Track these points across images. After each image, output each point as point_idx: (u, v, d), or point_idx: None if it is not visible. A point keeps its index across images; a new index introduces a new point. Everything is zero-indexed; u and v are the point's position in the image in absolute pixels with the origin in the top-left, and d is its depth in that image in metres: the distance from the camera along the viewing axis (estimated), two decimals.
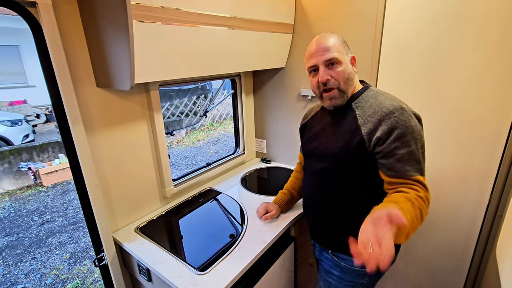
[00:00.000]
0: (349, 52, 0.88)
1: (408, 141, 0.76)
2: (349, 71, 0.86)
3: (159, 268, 1.00)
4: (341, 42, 0.87)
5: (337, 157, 0.89)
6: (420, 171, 0.77)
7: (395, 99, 0.83)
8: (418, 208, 0.71)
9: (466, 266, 1.29)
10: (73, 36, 0.94)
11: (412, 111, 0.81)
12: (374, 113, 0.81)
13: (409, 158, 0.76)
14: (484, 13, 1.01)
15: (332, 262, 1.01)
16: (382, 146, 0.78)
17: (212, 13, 1.10)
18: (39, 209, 3.65)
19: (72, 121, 0.95)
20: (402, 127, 0.76)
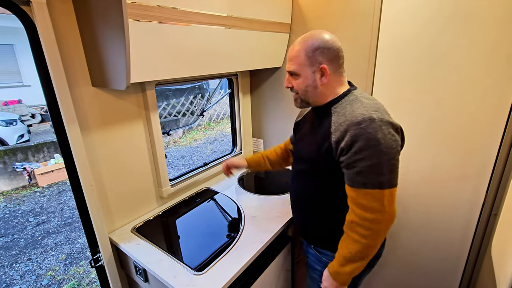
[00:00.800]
0: (316, 64, 0.83)
1: (370, 155, 0.73)
2: (308, 83, 0.85)
3: (156, 269, 1.00)
4: (309, 52, 0.82)
5: (311, 160, 0.91)
6: (380, 185, 0.74)
7: (371, 107, 0.79)
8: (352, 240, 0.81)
9: (462, 265, 1.30)
10: (67, 35, 0.93)
11: (386, 120, 0.76)
12: (344, 121, 0.79)
13: (369, 171, 0.74)
14: (480, 14, 1.02)
15: (315, 257, 1.04)
16: (344, 156, 0.78)
17: (209, 12, 1.09)
18: (35, 210, 3.62)
19: (67, 121, 0.94)
20: (365, 140, 0.73)
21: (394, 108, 1.28)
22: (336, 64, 0.85)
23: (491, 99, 1.07)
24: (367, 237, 0.79)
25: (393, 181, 0.77)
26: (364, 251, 0.80)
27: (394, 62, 1.25)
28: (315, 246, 1.03)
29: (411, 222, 1.39)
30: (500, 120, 1.07)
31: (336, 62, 0.84)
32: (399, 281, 1.52)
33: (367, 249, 0.80)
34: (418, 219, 1.36)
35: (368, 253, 0.82)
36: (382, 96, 1.31)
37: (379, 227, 0.78)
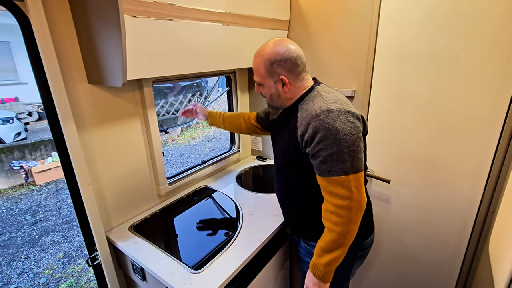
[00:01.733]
0: (275, 75, 0.88)
1: (331, 144, 0.78)
2: (271, 92, 0.92)
3: (153, 267, 0.99)
4: (267, 66, 0.87)
5: (284, 156, 0.96)
6: (344, 171, 0.78)
7: (330, 99, 0.83)
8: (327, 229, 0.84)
9: (459, 261, 1.31)
10: (63, 31, 0.92)
11: (345, 109, 0.81)
12: (307, 115, 0.84)
13: (332, 159, 0.78)
14: (478, 12, 1.01)
15: (305, 249, 1.06)
16: (309, 148, 0.82)
17: (207, 9, 1.08)
18: (32, 208, 3.60)
19: (63, 119, 0.93)
20: (324, 130, 0.78)
21: (392, 105, 1.29)
22: (295, 72, 0.88)
23: (489, 97, 1.07)
24: (338, 224, 0.81)
25: (357, 167, 0.80)
26: (338, 239, 0.82)
27: (392, 60, 1.24)
28: (304, 240, 1.06)
29: (409, 219, 1.39)
30: (498, 118, 1.07)
31: (295, 71, 0.88)
32: (396, 277, 1.53)
33: (340, 237, 0.81)
34: (416, 216, 1.37)
35: (343, 242, 0.82)
36: (380, 94, 1.31)
37: (349, 214, 0.80)
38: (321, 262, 0.85)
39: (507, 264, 0.77)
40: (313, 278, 0.88)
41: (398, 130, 1.30)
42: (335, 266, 0.86)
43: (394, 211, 1.43)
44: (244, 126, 1.34)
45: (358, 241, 0.99)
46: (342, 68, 1.39)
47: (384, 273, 1.57)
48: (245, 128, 1.34)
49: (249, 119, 1.33)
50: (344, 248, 0.84)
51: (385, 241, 1.51)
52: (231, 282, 0.98)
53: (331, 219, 0.82)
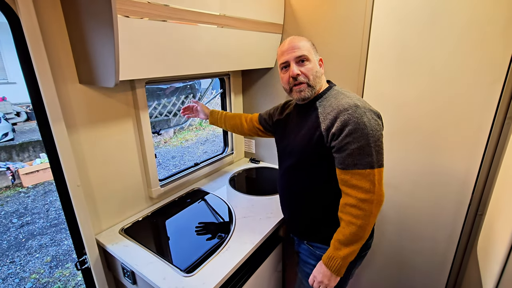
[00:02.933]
0: (317, 54, 0.95)
1: (359, 137, 0.80)
2: (317, 69, 0.93)
3: (144, 271, 0.97)
4: (311, 44, 0.94)
5: (302, 153, 0.96)
6: (370, 165, 0.81)
7: (353, 97, 0.88)
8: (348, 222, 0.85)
9: (449, 263, 1.33)
10: (54, 30, 0.90)
11: (368, 108, 0.85)
12: (332, 110, 0.87)
13: (359, 153, 0.81)
14: (466, 15, 1.04)
15: (308, 251, 1.06)
16: (336, 141, 0.84)
17: (201, 11, 1.08)
18: (19, 211, 3.51)
19: (52, 119, 0.91)
20: (354, 124, 0.81)
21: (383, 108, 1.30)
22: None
23: (476, 100, 1.09)
24: (359, 217, 0.82)
25: (381, 161, 0.83)
26: (358, 232, 0.83)
27: (384, 64, 1.26)
28: (308, 241, 1.05)
29: (399, 221, 1.41)
30: (486, 120, 1.09)
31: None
32: (387, 278, 1.54)
33: (360, 230, 0.83)
34: (406, 218, 1.38)
35: (361, 235, 0.84)
36: (372, 98, 1.32)
37: (370, 207, 0.82)
38: (339, 255, 0.86)
39: (495, 265, 0.79)
40: (326, 270, 0.89)
41: (389, 135, 1.32)
42: (350, 260, 0.87)
43: (385, 214, 1.44)
44: (246, 128, 1.34)
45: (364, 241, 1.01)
46: (335, 71, 1.41)
47: (375, 275, 1.58)
48: (247, 129, 1.34)
49: (251, 121, 1.32)
50: (361, 242, 0.86)
51: (377, 243, 1.52)
52: (223, 285, 0.97)
53: (352, 213, 0.83)
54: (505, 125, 1.05)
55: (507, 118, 1.04)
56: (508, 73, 1.01)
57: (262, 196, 1.48)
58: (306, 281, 1.07)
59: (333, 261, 0.87)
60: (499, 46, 1.01)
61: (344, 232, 0.85)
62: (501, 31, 1.00)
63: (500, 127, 1.07)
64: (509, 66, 1.01)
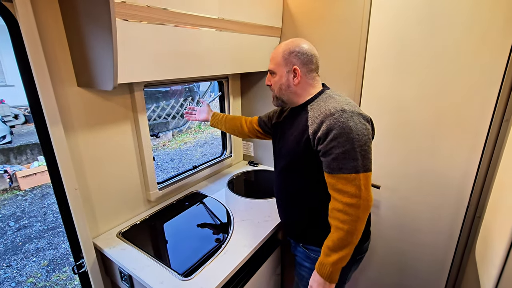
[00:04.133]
0: (289, 64, 0.93)
1: (344, 142, 0.80)
2: (282, 82, 0.95)
3: (142, 275, 0.97)
4: (283, 56, 0.93)
5: (293, 155, 0.96)
6: (355, 169, 0.80)
7: (342, 101, 0.88)
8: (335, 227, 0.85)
9: (447, 266, 1.32)
10: (52, 33, 0.90)
11: (357, 112, 0.85)
12: (319, 114, 0.87)
13: (344, 157, 0.80)
14: (465, 16, 1.05)
15: (304, 254, 1.06)
16: (321, 145, 0.84)
17: (200, 14, 1.08)
18: (16, 214, 3.48)
19: (50, 122, 0.91)
20: (339, 128, 0.81)
21: (381, 112, 1.31)
22: (308, 68, 0.94)
23: (475, 101, 1.10)
24: (346, 222, 0.82)
25: (367, 166, 0.82)
26: (345, 238, 0.83)
27: (381, 69, 1.27)
28: (303, 244, 1.05)
29: (397, 223, 1.41)
30: (483, 123, 1.10)
31: (308, 66, 0.93)
32: (386, 281, 1.54)
33: (348, 236, 0.83)
34: (405, 221, 1.38)
35: (350, 241, 0.83)
36: (370, 101, 1.33)
37: (357, 212, 0.81)
38: (329, 261, 0.85)
39: (493, 269, 0.79)
40: (319, 278, 0.88)
41: (386, 137, 1.32)
42: (341, 266, 0.86)
43: (384, 216, 1.44)
44: (246, 129, 1.34)
45: (358, 244, 1.00)
46: (333, 72, 1.41)
47: (373, 278, 1.58)
48: (247, 132, 1.34)
49: (251, 123, 1.33)
50: (351, 248, 0.85)
51: (373, 247, 1.52)
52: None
53: (339, 218, 0.83)
54: (502, 128, 1.06)
55: (504, 121, 1.05)
56: (504, 76, 1.02)
57: (261, 199, 1.48)
58: (302, 284, 1.07)
59: (323, 267, 0.86)
60: (496, 49, 1.02)
61: (333, 238, 0.85)
62: (498, 35, 1.00)
63: (497, 130, 1.07)
64: (506, 69, 1.01)
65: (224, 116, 1.41)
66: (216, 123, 1.41)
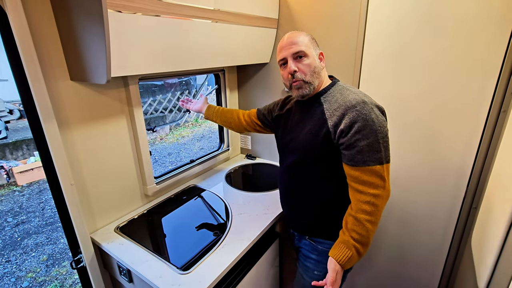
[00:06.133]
0: (317, 48, 0.93)
1: (368, 134, 0.80)
2: (315, 64, 0.91)
3: (140, 269, 0.97)
4: (310, 39, 0.92)
5: (306, 150, 0.94)
6: (379, 161, 0.81)
7: (359, 93, 0.87)
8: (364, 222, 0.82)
9: (444, 256, 1.34)
10: (43, 25, 0.88)
11: (374, 103, 0.85)
12: (339, 106, 0.86)
13: (369, 149, 0.80)
14: (462, 10, 1.04)
15: (310, 246, 1.06)
16: (345, 138, 0.83)
17: (195, 5, 1.06)
18: (14, 210, 3.48)
19: (43, 117, 0.90)
20: (363, 120, 0.80)
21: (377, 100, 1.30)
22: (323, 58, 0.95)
23: (471, 94, 1.09)
24: (373, 214, 0.82)
25: (388, 157, 0.84)
26: (373, 229, 0.83)
27: (380, 59, 1.26)
28: (310, 237, 1.05)
29: (395, 214, 1.42)
30: (480, 117, 1.10)
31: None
32: (383, 269, 1.56)
33: (375, 227, 0.83)
34: (402, 212, 1.39)
35: (374, 231, 0.84)
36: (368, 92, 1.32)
37: (382, 202, 0.82)
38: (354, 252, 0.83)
39: (489, 258, 0.79)
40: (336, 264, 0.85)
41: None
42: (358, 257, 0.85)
43: None
44: (244, 123, 1.30)
45: None
46: (330, 68, 1.40)
47: (372, 268, 1.60)
48: (244, 125, 1.30)
49: (249, 116, 1.30)
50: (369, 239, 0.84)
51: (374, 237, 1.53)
52: (220, 282, 0.97)
53: (366, 210, 0.82)
54: (500, 119, 1.06)
55: (502, 112, 1.05)
56: (502, 68, 1.02)
57: (259, 193, 1.48)
58: (307, 275, 1.07)
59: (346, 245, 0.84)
60: (493, 42, 1.01)
61: (361, 232, 0.82)
62: (495, 27, 0.99)
63: (494, 121, 1.07)
64: (503, 60, 1.01)
65: (220, 108, 1.38)
66: (211, 115, 1.37)
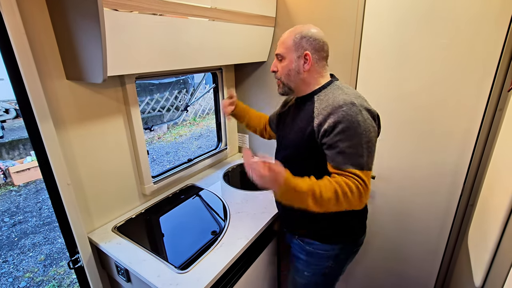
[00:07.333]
0: (300, 49, 0.88)
1: (351, 136, 0.78)
2: (291, 67, 0.90)
3: (138, 268, 0.97)
4: (297, 38, 0.88)
5: (294, 145, 0.95)
6: (360, 166, 0.77)
7: (351, 94, 0.84)
8: (334, 189, 0.76)
9: (440, 253, 1.35)
10: (38, 24, 0.87)
11: (365, 107, 0.82)
12: (327, 106, 0.84)
13: (350, 152, 0.78)
14: (459, 8, 1.04)
15: (299, 246, 1.06)
16: (327, 138, 0.81)
17: (192, 3, 1.05)
18: (10, 210, 3.45)
19: (39, 117, 0.89)
20: (347, 122, 0.78)
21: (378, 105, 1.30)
22: (320, 54, 0.90)
23: (468, 93, 1.10)
24: (344, 199, 0.76)
25: (370, 165, 0.80)
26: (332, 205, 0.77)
27: (378, 54, 1.26)
28: (299, 236, 1.05)
29: (392, 212, 1.43)
30: (477, 113, 1.10)
31: (320, 53, 0.90)
32: (380, 267, 1.57)
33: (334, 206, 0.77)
34: (399, 209, 1.40)
35: (327, 208, 0.78)
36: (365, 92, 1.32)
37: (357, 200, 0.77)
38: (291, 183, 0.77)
39: (485, 255, 0.80)
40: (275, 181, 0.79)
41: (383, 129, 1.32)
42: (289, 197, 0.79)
43: (378, 205, 1.46)
44: (264, 133, 1.32)
45: (355, 237, 1.01)
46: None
47: (369, 267, 1.61)
48: (265, 135, 1.33)
49: (265, 123, 1.31)
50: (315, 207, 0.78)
51: (369, 236, 1.54)
52: (219, 281, 0.97)
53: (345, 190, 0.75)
54: (496, 117, 1.06)
55: (498, 110, 1.05)
56: (498, 66, 1.02)
57: (256, 191, 1.48)
58: (298, 276, 1.09)
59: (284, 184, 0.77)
60: (489, 41, 1.02)
61: (325, 191, 0.75)
62: (492, 27, 1.00)
63: (491, 119, 1.08)
64: (500, 59, 1.01)
65: (249, 110, 1.32)
66: (241, 111, 1.31)
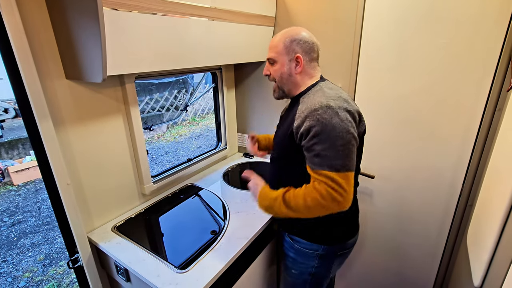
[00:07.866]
0: (292, 53, 0.90)
1: (325, 139, 0.78)
2: (283, 71, 0.93)
3: (138, 268, 0.97)
4: (287, 42, 0.90)
5: (280, 146, 0.98)
6: (335, 168, 0.77)
7: (331, 95, 0.84)
8: (303, 196, 0.82)
9: (439, 253, 1.35)
10: (37, 23, 0.87)
11: (344, 107, 0.81)
12: (306, 108, 0.84)
13: (325, 154, 0.78)
14: (458, 9, 1.04)
15: (289, 244, 1.08)
16: (304, 140, 0.83)
17: (192, 3, 1.05)
18: (10, 209, 3.45)
19: (39, 117, 0.89)
20: (321, 125, 0.78)
21: (376, 105, 1.31)
22: (310, 56, 0.92)
23: (468, 93, 1.10)
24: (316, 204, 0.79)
25: (350, 166, 0.79)
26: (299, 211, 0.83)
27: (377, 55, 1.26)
28: (289, 234, 1.07)
29: (391, 212, 1.43)
30: (476, 113, 1.11)
31: (310, 55, 0.92)
32: (380, 269, 1.57)
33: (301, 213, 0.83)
34: (398, 209, 1.40)
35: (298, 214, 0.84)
36: (365, 91, 1.32)
37: (330, 205, 0.78)
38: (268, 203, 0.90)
39: (484, 255, 0.80)
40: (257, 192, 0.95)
41: (380, 128, 1.32)
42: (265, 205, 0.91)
43: (377, 205, 1.46)
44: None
45: (341, 241, 1.02)
46: (328, 64, 1.40)
47: (368, 266, 1.61)
48: None
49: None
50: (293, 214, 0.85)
51: (369, 235, 1.54)
52: (218, 280, 0.97)
53: (312, 195, 0.79)
54: (495, 117, 1.06)
55: (497, 110, 1.05)
56: (497, 67, 1.02)
57: None
58: (287, 273, 1.11)
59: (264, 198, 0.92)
60: (489, 41, 1.02)
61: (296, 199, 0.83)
62: (492, 26, 1.00)
63: (490, 119, 1.08)
64: (499, 59, 1.01)
65: (270, 136, 1.29)
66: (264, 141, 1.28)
